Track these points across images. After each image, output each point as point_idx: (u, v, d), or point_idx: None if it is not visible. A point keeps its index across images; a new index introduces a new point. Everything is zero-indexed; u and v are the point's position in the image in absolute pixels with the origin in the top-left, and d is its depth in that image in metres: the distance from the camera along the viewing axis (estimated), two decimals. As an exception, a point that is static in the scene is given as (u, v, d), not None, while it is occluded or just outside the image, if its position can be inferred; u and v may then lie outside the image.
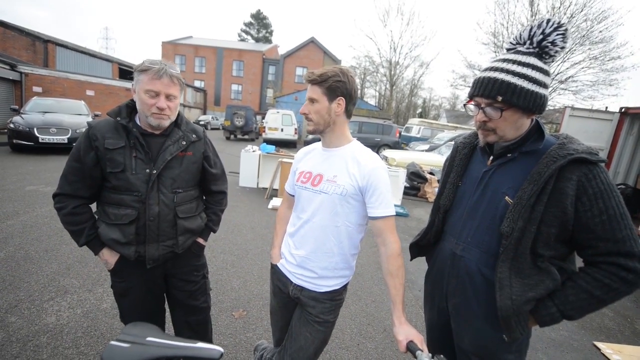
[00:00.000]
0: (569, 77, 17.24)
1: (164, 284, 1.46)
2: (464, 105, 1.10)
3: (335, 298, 1.28)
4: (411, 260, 1.41)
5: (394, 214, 1.19)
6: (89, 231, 1.29)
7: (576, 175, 0.89)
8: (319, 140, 1.32)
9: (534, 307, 0.97)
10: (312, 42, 33.51)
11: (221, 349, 1.00)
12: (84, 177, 1.25)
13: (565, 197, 0.89)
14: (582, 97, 17.21)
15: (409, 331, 1.05)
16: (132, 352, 0.95)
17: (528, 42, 0.97)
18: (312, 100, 1.18)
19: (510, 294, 0.95)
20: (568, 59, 16.81)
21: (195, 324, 1.55)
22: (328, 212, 1.21)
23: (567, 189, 0.89)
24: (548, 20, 0.95)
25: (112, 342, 0.97)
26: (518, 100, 0.93)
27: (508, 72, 0.95)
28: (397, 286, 1.13)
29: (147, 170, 1.26)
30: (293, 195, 1.38)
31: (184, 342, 1.01)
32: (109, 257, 1.32)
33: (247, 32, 53.16)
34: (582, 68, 16.80)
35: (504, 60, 0.98)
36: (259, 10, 54.10)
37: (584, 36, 15.99)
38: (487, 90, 0.96)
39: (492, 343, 1.05)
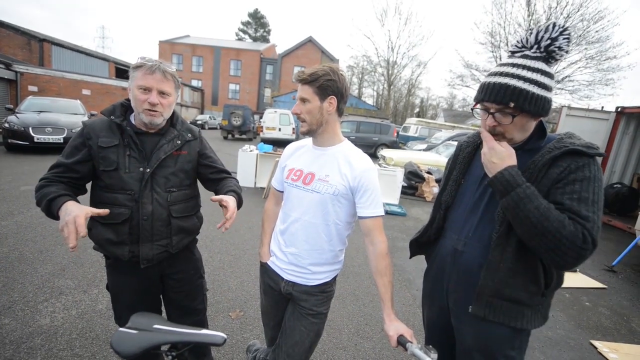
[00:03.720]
0: (566, 76, 17.39)
1: (160, 285, 1.44)
2: (472, 109, 1.10)
3: (326, 290, 1.32)
4: (410, 257, 1.42)
5: (383, 214, 1.22)
6: (47, 194, 1.12)
7: (566, 163, 0.92)
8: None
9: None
10: (310, 41, 33.49)
11: (224, 335, 1.02)
12: (69, 170, 1.22)
13: (549, 180, 0.93)
14: (579, 96, 17.42)
15: (398, 326, 1.09)
16: (140, 338, 0.99)
17: (535, 46, 0.98)
18: (303, 100, 1.18)
19: (494, 277, 0.99)
20: (565, 58, 16.92)
21: (192, 325, 1.54)
22: (319, 210, 1.22)
23: (554, 173, 0.92)
24: (554, 25, 0.96)
25: (121, 329, 1.01)
26: (530, 106, 0.94)
27: (519, 77, 0.95)
28: (385, 284, 1.17)
29: (141, 169, 1.25)
30: (280, 191, 1.39)
31: (188, 328, 1.05)
32: (73, 208, 1.02)
33: (244, 32, 53.04)
34: (579, 68, 16.98)
35: (514, 65, 0.98)
36: (257, 9, 53.89)
37: (580, 36, 16.12)
38: (499, 96, 0.96)
39: (495, 339, 1.06)
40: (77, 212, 1.00)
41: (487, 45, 19.15)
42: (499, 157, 0.97)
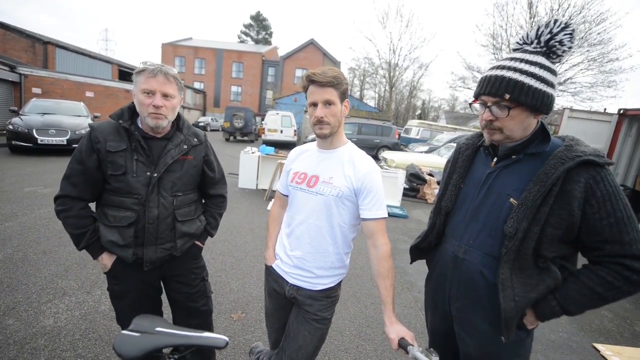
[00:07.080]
0: (568, 78, 17.32)
1: (160, 286, 1.45)
2: (470, 104, 1.07)
3: (331, 295, 1.30)
4: (411, 263, 1.41)
5: (386, 216, 1.22)
6: (90, 235, 1.28)
7: (584, 178, 0.88)
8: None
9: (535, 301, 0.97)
10: (312, 43, 33.58)
11: (226, 338, 1.02)
12: (87, 179, 1.25)
13: (572, 199, 0.88)
14: (581, 98, 17.33)
15: (399, 329, 1.08)
16: (142, 340, 0.99)
17: (535, 41, 0.97)
18: (328, 103, 1.16)
19: (513, 295, 0.95)
20: (567, 60, 16.89)
21: (197, 327, 1.55)
22: (324, 213, 1.22)
23: (575, 191, 0.88)
24: (555, 21, 0.95)
25: (123, 332, 1.01)
26: (526, 98, 0.92)
27: (516, 70, 0.93)
28: (387, 287, 1.16)
29: (148, 174, 1.26)
30: (286, 195, 1.39)
31: (191, 331, 1.05)
32: (108, 261, 1.31)
33: (246, 34, 53.24)
34: (581, 70, 16.89)
35: (512, 59, 0.97)
36: (259, 12, 54.27)
37: (582, 38, 16.05)
38: (494, 88, 0.95)
39: (497, 347, 1.04)
40: (110, 263, 1.33)
41: (489, 47, 19.13)
42: (530, 323, 1.02)
